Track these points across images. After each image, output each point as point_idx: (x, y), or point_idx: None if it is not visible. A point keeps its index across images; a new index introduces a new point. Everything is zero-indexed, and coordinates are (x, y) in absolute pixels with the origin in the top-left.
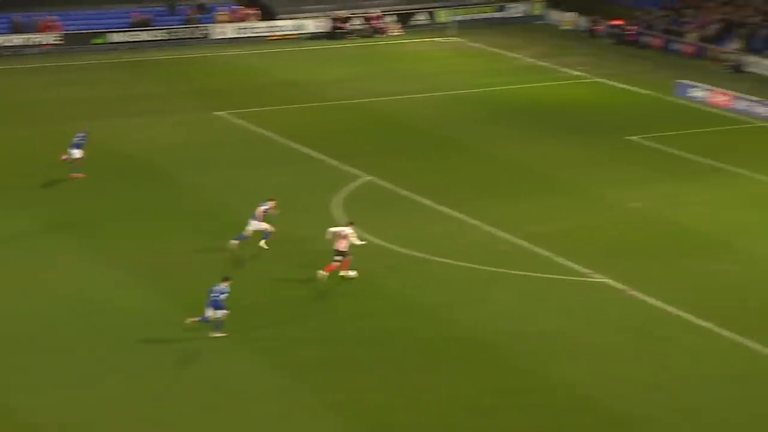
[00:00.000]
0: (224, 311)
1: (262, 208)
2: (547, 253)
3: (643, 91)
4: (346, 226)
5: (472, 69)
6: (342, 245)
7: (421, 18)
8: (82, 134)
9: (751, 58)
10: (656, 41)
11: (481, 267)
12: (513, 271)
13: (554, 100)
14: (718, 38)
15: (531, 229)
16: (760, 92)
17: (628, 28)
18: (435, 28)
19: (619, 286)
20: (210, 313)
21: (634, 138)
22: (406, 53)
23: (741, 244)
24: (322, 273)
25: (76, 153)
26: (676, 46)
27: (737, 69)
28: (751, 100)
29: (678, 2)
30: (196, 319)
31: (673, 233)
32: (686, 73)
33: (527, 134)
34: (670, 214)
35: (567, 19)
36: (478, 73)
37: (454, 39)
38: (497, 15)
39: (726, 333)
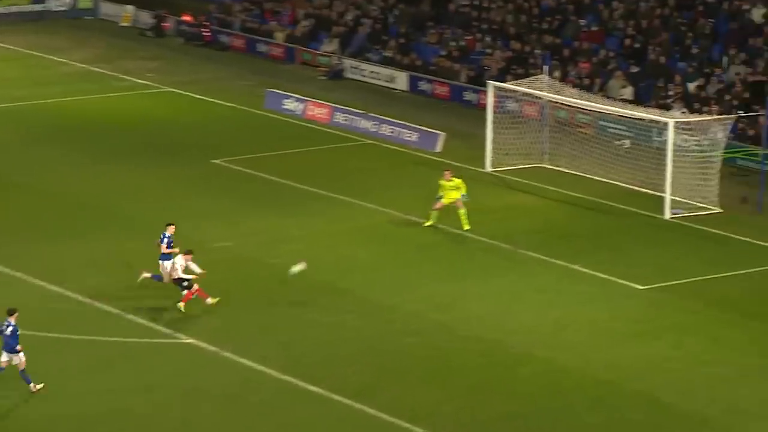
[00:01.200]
0: (21, 354)
1: (166, 240)
2: (115, 311)
3: (228, 104)
4: (184, 254)
5: (3, 77)
6: (175, 274)
7: None
8: None
9: (349, 63)
10: (239, 41)
11: (26, 332)
12: (70, 336)
13: (117, 115)
14: (310, 38)
15: (94, 280)
16: (362, 103)
17: (204, 25)
18: None
19: (208, 347)
20: (5, 358)
21: (219, 161)
22: None
23: (351, 287)
24: (180, 306)
25: None
26: (263, 48)
27: (334, 75)
28: (353, 113)
29: None
30: None
31: (271, 278)
32: (277, 80)
33: (84, 159)
34: (266, 254)
35: (126, 13)
36: (13, 83)
37: None
38: (33, 8)
39: (338, 398)
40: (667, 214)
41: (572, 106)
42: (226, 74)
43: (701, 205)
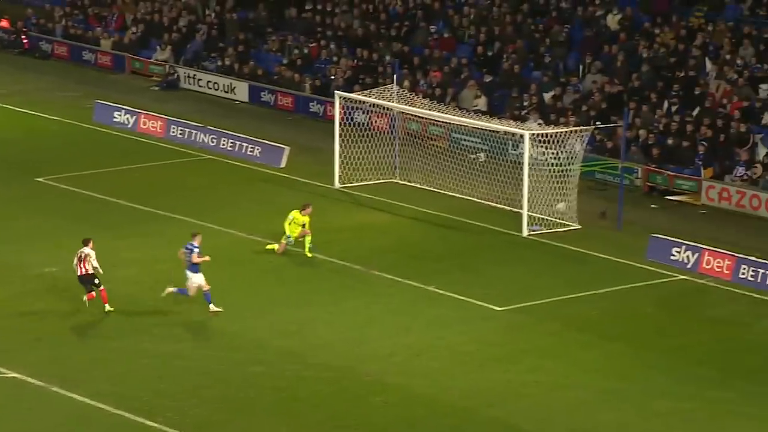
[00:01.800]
0: None
1: (196, 250)
2: None
3: (53, 117)
4: (85, 245)
5: None
6: (83, 269)
7: None
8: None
9: (185, 71)
10: (62, 49)
11: None
12: None
13: None
14: (140, 46)
15: None
16: (199, 115)
17: (22, 31)
18: None
19: (34, 381)
20: None
21: (43, 179)
22: None
23: (189, 314)
24: (107, 308)
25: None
26: (89, 56)
27: (168, 85)
28: (189, 126)
29: None
30: None
31: (101, 306)
32: (107, 91)
33: None
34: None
35: None
36: None
37: None
38: None
39: None
40: (525, 231)
41: (424, 118)
42: (48, 85)
43: (560, 221)
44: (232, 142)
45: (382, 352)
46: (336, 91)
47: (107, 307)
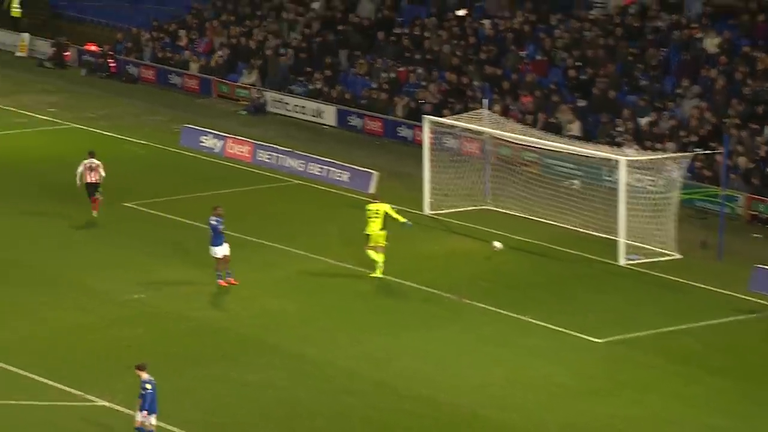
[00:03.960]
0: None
1: None
2: (17, 370)
3: (140, 141)
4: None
5: None
6: (93, 177)
7: None
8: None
9: (272, 95)
10: (149, 72)
11: None
12: None
13: (17, 154)
14: (227, 69)
15: None
16: (286, 139)
17: (109, 54)
18: None
19: (123, 410)
20: (140, 417)
21: (131, 204)
22: None
23: (279, 342)
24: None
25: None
26: (176, 80)
27: (256, 109)
28: (277, 150)
29: (174, 23)
30: None
31: (191, 334)
32: (194, 115)
33: None
34: (184, 307)
35: (22, 42)
36: None
37: None
38: None
39: None
40: (623, 261)
41: (516, 143)
42: (135, 109)
43: (659, 250)
44: (320, 167)
45: (474, 383)
46: (425, 116)
47: (95, 214)
